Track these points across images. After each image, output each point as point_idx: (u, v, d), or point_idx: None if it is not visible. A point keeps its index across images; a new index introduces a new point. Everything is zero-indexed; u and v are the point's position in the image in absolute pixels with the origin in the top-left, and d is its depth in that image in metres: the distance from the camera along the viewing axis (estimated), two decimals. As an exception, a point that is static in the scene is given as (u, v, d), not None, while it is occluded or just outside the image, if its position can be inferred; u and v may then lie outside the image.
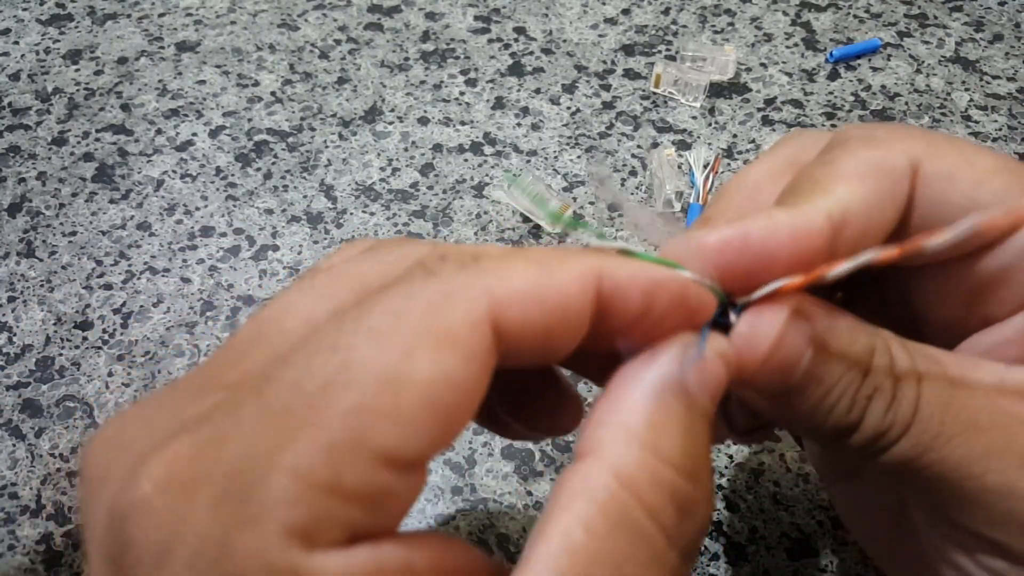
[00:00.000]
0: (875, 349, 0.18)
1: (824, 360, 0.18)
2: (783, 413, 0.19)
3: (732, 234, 0.17)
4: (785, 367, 0.17)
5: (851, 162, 0.19)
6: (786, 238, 0.17)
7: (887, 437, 0.18)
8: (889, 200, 0.19)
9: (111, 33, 0.52)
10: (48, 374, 0.36)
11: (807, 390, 0.18)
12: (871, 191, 0.18)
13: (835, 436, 0.19)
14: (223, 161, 0.45)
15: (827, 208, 0.18)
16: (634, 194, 0.43)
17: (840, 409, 0.18)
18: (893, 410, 0.18)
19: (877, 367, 0.18)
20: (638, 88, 0.48)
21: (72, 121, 0.47)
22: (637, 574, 0.14)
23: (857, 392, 0.18)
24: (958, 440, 0.18)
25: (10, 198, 0.43)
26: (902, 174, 0.19)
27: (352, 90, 0.49)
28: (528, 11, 0.54)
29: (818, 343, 0.17)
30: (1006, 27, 0.52)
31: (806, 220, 0.17)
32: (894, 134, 0.20)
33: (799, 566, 0.30)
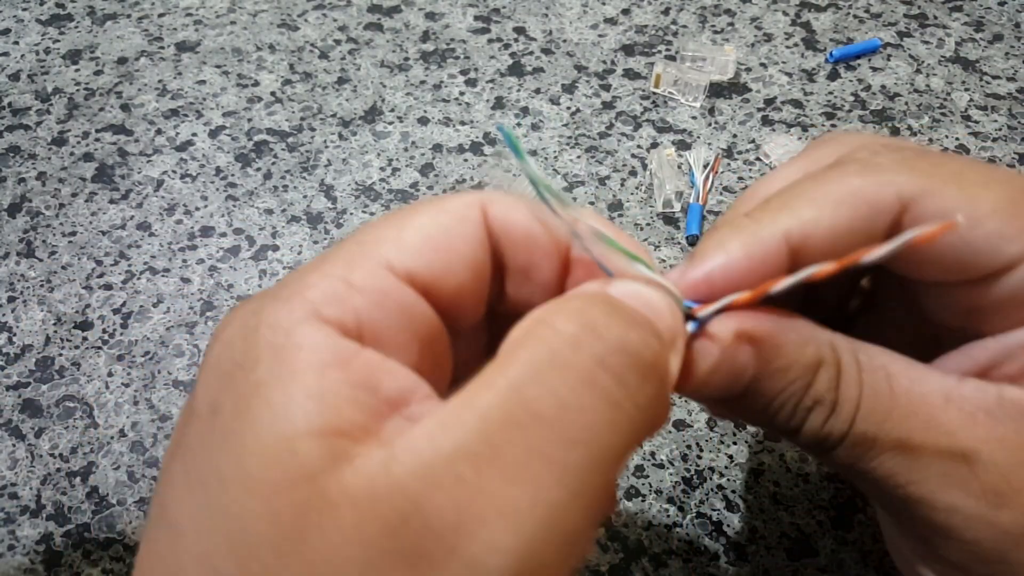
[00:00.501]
0: (822, 362, 0.19)
1: (766, 376, 0.19)
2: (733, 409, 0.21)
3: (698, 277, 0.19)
4: (726, 384, 0.19)
5: (834, 186, 0.20)
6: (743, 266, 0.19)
7: (825, 444, 0.20)
8: (862, 229, 0.20)
9: (111, 33, 0.52)
10: (48, 374, 0.36)
11: (748, 400, 0.20)
12: (842, 218, 0.19)
13: (781, 434, 0.20)
14: (223, 161, 0.45)
15: (786, 228, 0.19)
16: (634, 194, 0.43)
17: (782, 416, 0.20)
18: (831, 422, 0.19)
19: (820, 381, 0.19)
20: (638, 88, 0.48)
21: (72, 121, 0.47)
22: (589, 416, 0.15)
23: (798, 403, 0.19)
24: (887, 456, 0.19)
25: (10, 198, 0.43)
26: (886, 207, 0.20)
27: (352, 90, 0.49)
28: (528, 11, 0.54)
29: (760, 360, 0.19)
30: (1006, 27, 0.52)
31: (761, 244, 0.19)
32: (899, 164, 0.20)
33: (799, 566, 0.30)
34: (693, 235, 0.40)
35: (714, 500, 0.32)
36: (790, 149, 0.44)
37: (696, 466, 0.33)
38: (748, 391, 0.19)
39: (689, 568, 0.30)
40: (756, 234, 0.19)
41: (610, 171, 0.44)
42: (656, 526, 0.31)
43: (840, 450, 0.20)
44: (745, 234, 0.19)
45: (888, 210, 0.19)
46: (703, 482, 0.32)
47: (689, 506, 0.32)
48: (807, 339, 0.19)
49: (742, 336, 0.19)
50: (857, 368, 0.20)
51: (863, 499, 0.31)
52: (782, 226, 0.19)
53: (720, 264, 0.19)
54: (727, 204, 0.42)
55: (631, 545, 0.31)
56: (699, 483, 0.32)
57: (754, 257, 0.19)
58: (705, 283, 0.19)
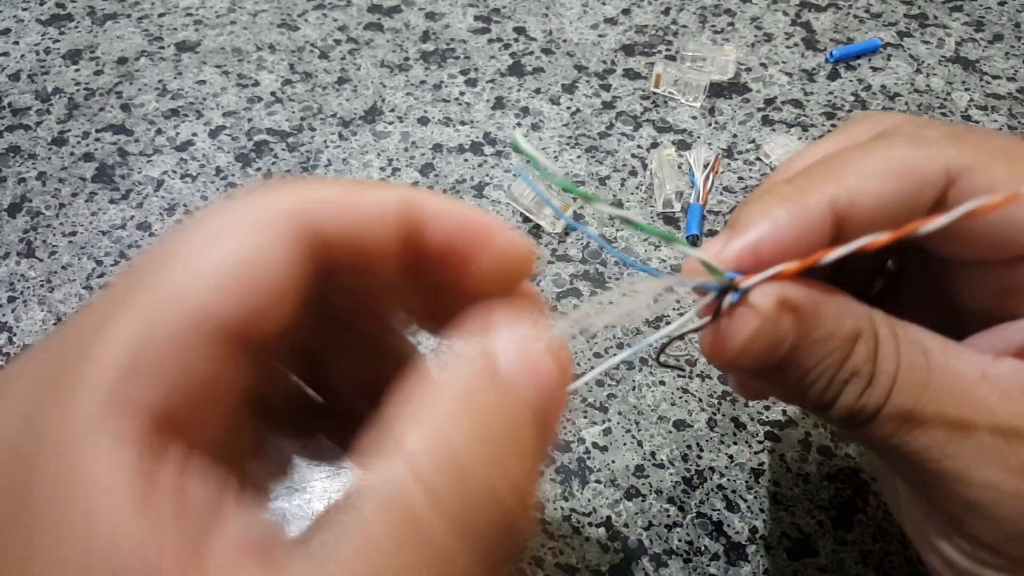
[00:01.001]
0: (860, 334, 0.19)
1: (803, 347, 0.19)
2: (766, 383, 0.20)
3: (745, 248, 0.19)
4: (763, 354, 0.19)
5: (881, 156, 0.19)
6: (789, 235, 0.19)
7: (860, 416, 0.19)
8: (908, 201, 0.19)
9: (111, 33, 0.52)
10: (48, 374, 0.36)
11: (786, 371, 0.19)
12: (889, 189, 0.19)
13: (814, 408, 0.20)
14: (223, 161, 0.45)
15: (831, 196, 0.19)
16: (634, 194, 0.43)
17: (817, 389, 0.19)
18: (867, 395, 0.19)
19: (858, 352, 0.19)
20: (638, 88, 0.48)
21: (72, 121, 0.47)
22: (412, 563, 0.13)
23: (834, 376, 0.19)
24: (923, 428, 0.19)
25: (10, 198, 0.43)
26: (932, 180, 0.19)
27: (352, 90, 0.49)
28: (528, 11, 0.54)
29: (800, 330, 0.19)
30: (1006, 27, 0.52)
31: (807, 213, 0.19)
32: (946, 137, 0.20)
33: (799, 566, 0.30)
34: (693, 235, 0.41)
35: (714, 500, 0.32)
36: (790, 149, 0.44)
37: (696, 466, 0.33)
38: (784, 362, 0.19)
39: (689, 568, 0.30)
40: (801, 202, 0.19)
41: (610, 171, 0.44)
42: (656, 526, 0.31)
43: (874, 424, 0.19)
44: (790, 202, 0.19)
45: (935, 183, 0.19)
46: (703, 482, 0.32)
47: (689, 506, 0.32)
48: (846, 311, 0.19)
49: (784, 304, 0.18)
50: (895, 341, 0.19)
51: (863, 499, 0.31)
52: (828, 194, 0.19)
53: (766, 233, 0.19)
54: (727, 204, 0.42)
55: (631, 545, 0.31)
56: (699, 483, 0.32)
57: (800, 226, 0.19)
58: (751, 254, 0.19)
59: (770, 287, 0.18)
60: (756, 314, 0.18)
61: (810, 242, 0.19)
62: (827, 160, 0.20)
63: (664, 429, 0.34)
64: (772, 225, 0.19)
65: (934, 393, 0.19)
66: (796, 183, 0.20)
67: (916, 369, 0.19)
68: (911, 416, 0.19)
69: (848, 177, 0.19)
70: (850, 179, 0.19)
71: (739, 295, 0.18)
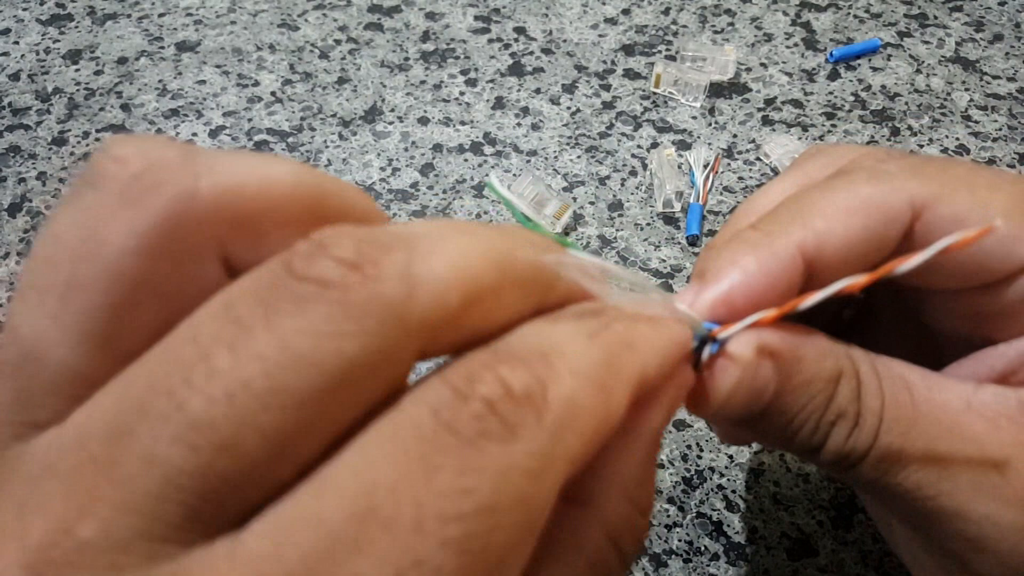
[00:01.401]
0: (842, 374, 0.19)
1: (786, 392, 0.18)
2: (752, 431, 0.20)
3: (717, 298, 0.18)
4: (747, 403, 0.18)
5: (844, 195, 0.19)
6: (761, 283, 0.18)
7: (850, 458, 0.19)
8: (876, 238, 0.19)
9: (111, 33, 0.52)
10: (48, 374, 0.36)
11: (770, 417, 0.19)
12: (856, 227, 0.19)
13: (802, 452, 0.20)
14: (223, 161, 0.45)
15: (799, 240, 0.19)
16: (634, 194, 0.43)
17: (804, 433, 0.19)
18: (854, 436, 0.19)
19: (841, 393, 0.19)
20: (638, 88, 0.48)
21: (72, 121, 0.47)
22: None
23: (821, 418, 0.19)
24: (915, 466, 0.19)
25: (10, 198, 0.43)
26: (898, 214, 0.19)
27: (352, 90, 0.49)
28: (528, 11, 0.54)
29: (782, 376, 0.18)
30: (1006, 27, 0.52)
31: (777, 258, 0.19)
32: (906, 170, 0.20)
33: (799, 566, 0.30)
34: (693, 235, 0.41)
35: (714, 500, 0.32)
36: (790, 149, 0.44)
37: (696, 466, 0.33)
38: (769, 409, 0.19)
39: (689, 568, 0.30)
40: (770, 248, 0.19)
41: (610, 171, 0.44)
42: (656, 526, 0.31)
43: (864, 465, 0.19)
44: (759, 249, 0.19)
45: (901, 217, 0.19)
46: (703, 482, 0.32)
47: (689, 506, 0.32)
48: (826, 351, 0.19)
49: (763, 351, 0.18)
50: (877, 378, 0.19)
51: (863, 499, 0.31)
52: (795, 238, 0.19)
53: (738, 282, 0.18)
54: (727, 204, 0.42)
55: (631, 545, 0.31)
56: (699, 483, 0.32)
57: (771, 272, 0.19)
58: (725, 304, 0.18)
59: (747, 335, 0.18)
60: (736, 364, 0.18)
61: (782, 287, 0.19)
62: (790, 202, 0.20)
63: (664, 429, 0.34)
64: (742, 273, 0.18)
65: (922, 429, 0.19)
66: (763, 229, 0.19)
67: (901, 405, 0.19)
68: (901, 455, 0.19)
69: (814, 219, 0.19)
70: (816, 221, 0.19)
71: (718, 346, 0.18)
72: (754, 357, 0.18)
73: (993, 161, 0.44)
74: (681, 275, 0.39)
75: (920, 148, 0.45)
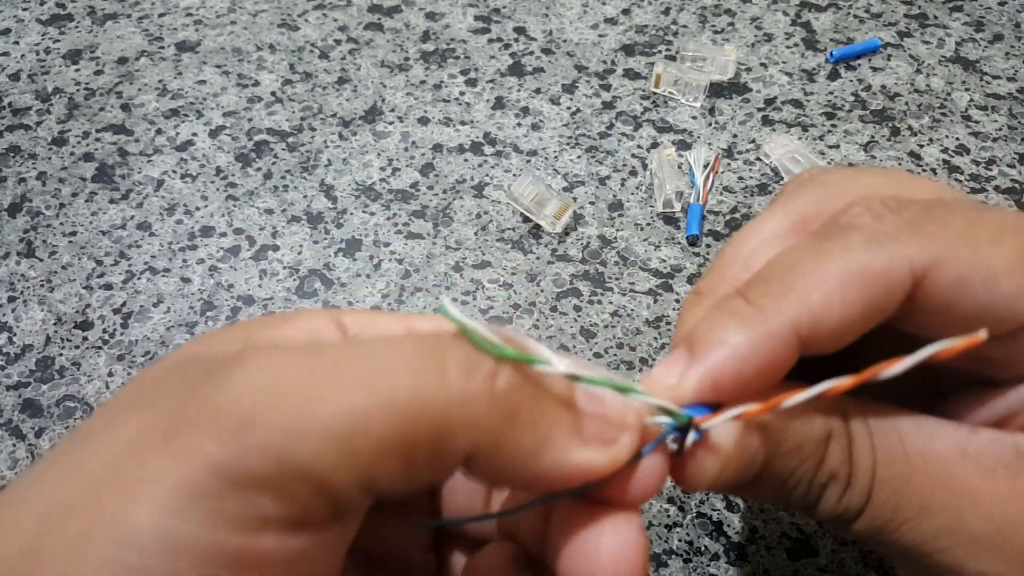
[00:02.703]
0: (831, 434, 0.18)
1: (776, 459, 0.18)
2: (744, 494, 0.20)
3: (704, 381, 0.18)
4: (736, 479, 0.18)
5: (841, 264, 0.18)
6: (751, 363, 0.18)
7: (844, 519, 0.19)
8: (875, 310, 0.18)
9: (111, 33, 0.52)
10: (48, 374, 0.36)
11: (763, 482, 0.19)
12: (854, 302, 0.18)
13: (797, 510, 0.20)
14: (223, 161, 0.45)
15: (794, 318, 0.18)
16: (634, 194, 0.43)
17: (796, 495, 0.19)
18: (847, 496, 0.18)
19: (832, 455, 0.18)
20: (638, 88, 0.48)
21: (72, 121, 0.47)
22: None
23: (812, 480, 0.18)
24: (911, 524, 0.18)
25: (10, 198, 0.43)
26: (898, 283, 0.18)
27: (352, 90, 0.49)
28: (528, 11, 0.54)
29: (769, 446, 0.18)
30: (1006, 27, 0.52)
31: (770, 338, 0.18)
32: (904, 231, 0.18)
33: (799, 566, 0.30)
34: (693, 235, 0.41)
35: (714, 500, 0.32)
36: (790, 149, 0.44)
37: (696, 466, 0.33)
38: (759, 477, 0.18)
39: (689, 568, 0.30)
40: (763, 326, 0.18)
41: (610, 171, 0.44)
42: (656, 526, 0.31)
43: (859, 523, 0.19)
44: (750, 327, 0.18)
45: (901, 286, 0.18)
46: (703, 482, 0.32)
47: (689, 506, 0.32)
48: (813, 414, 0.18)
49: (748, 428, 0.18)
50: (868, 435, 0.19)
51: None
52: (790, 315, 0.18)
53: (726, 362, 0.18)
54: (727, 204, 0.42)
55: (631, 545, 0.31)
56: (699, 483, 0.32)
57: (763, 354, 0.18)
58: (712, 386, 0.18)
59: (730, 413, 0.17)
60: (720, 453, 0.18)
61: (773, 367, 0.18)
62: (783, 269, 0.19)
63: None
64: (732, 352, 0.18)
65: (917, 484, 0.18)
66: (755, 302, 0.18)
67: (895, 461, 0.18)
68: (896, 511, 0.18)
69: (809, 293, 0.18)
70: (812, 295, 0.18)
71: (700, 434, 0.18)
72: (738, 442, 0.18)
73: (993, 161, 0.44)
74: (681, 275, 0.39)
75: (920, 148, 0.45)
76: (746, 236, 0.21)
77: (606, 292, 0.39)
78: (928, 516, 0.18)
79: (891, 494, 0.18)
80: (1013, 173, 0.44)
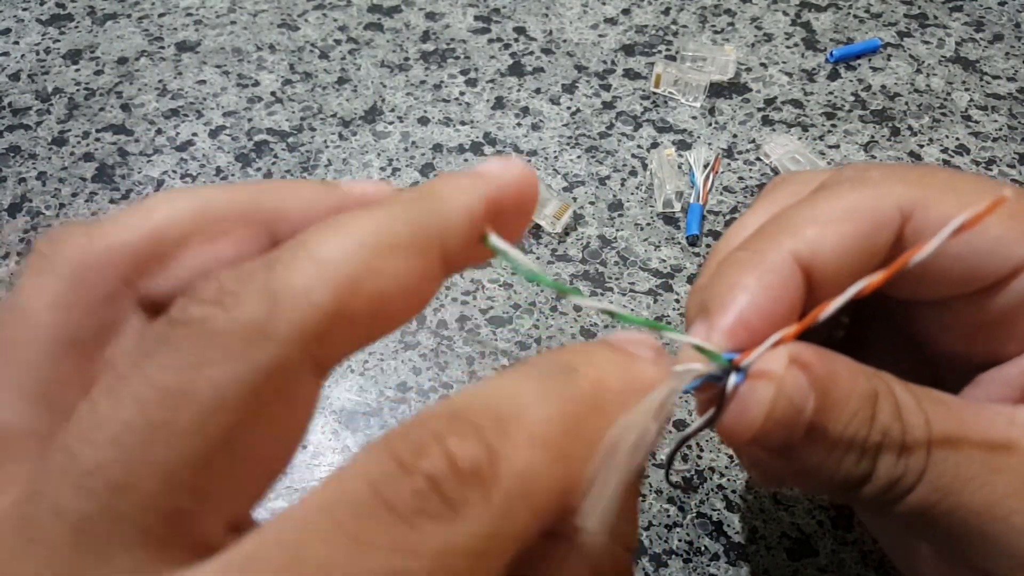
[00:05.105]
0: (878, 393, 0.17)
1: (827, 409, 0.17)
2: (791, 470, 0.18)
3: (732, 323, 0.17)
4: (787, 423, 0.17)
5: (831, 204, 0.19)
6: (769, 298, 0.18)
7: (902, 485, 0.17)
8: (868, 245, 0.19)
9: (111, 33, 0.52)
10: (48, 374, 0.36)
11: (812, 444, 0.17)
12: (847, 234, 0.18)
13: (847, 488, 0.18)
14: (223, 161, 0.45)
15: (792, 249, 0.18)
16: (634, 194, 0.43)
17: (850, 460, 0.17)
18: (905, 456, 0.17)
19: (882, 411, 0.17)
20: (638, 88, 0.48)
21: (72, 121, 0.47)
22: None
23: (866, 440, 0.17)
24: (978, 482, 0.17)
25: (10, 198, 0.43)
26: (887, 219, 0.19)
27: (352, 90, 0.49)
28: (528, 11, 0.54)
29: (819, 393, 0.17)
30: (1006, 27, 0.52)
31: (775, 271, 0.18)
32: (890, 176, 0.19)
33: (799, 566, 0.30)
34: (693, 235, 0.41)
35: (714, 500, 0.32)
36: (790, 149, 0.44)
37: (696, 466, 0.33)
38: (810, 432, 0.17)
39: (689, 568, 0.30)
40: (765, 263, 0.18)
41: (610, 171, 0.44)
42: (656, 526, 0.31)
43: (920, 489, 0.17)
44: (754, 266, 0.18)
45: (890, 222, 0.19)
46: (703, 482, 0.32)
47: (689, 506, 0.32)
48: (857, 369, 0.18)
49: (796, 363, 0.17)
50: (913, 396, 0.18)
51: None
52: (788, 247, 0.18)
53: (746, 304, 0.17)
54: (727, 204, 0.42)
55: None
56: (699, 483, 0.32)
57: (774, 286, 0.18)
58: (742, 327, 0.17)
59: (774, 353, 0.17)
60: (769, 381, 0.17)
61: (789, 301, 0.18)
62: (774, 219, 0.19)
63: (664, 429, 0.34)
64: (748, 294, 0.18)
65: (974, 443, 0.17)
66: (752, 247, 0.19)
67: (946, 421, 0.17)
68: (958, 472, 0.17)
69: (804, 229, 0.18)
70: (806, 231, 0.18)
71: (743, 376, 0.17)
72: (788, 369, 0.17)
73: (993, 161, 0.44)
74: (681, 275, 0.39)
75: (920, 148, 0.45)
76: (734, 229, 0.22)
77: (606, 292, 0.39)
78: (995, 474, 0.17)
79: (951, 451, 0.17)
80: (1013, 173, 0.44)
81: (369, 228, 0.14)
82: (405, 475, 0.12)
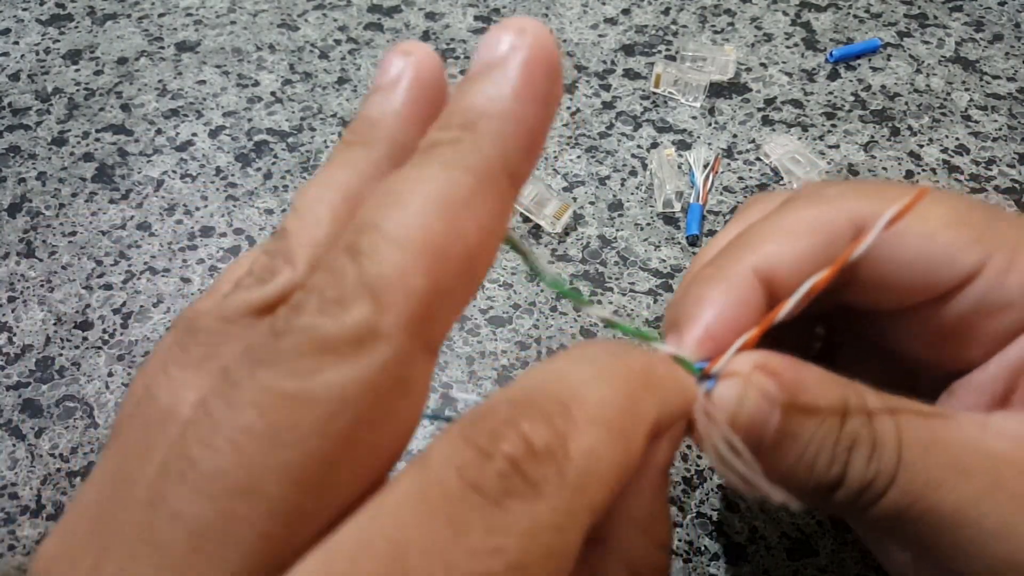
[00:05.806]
0: (847, 398, 0.18)
1: (795, 415, 0.18)
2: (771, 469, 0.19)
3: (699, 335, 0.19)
4: (753, 429, 0.18)
5: (788, 220, 0.20)
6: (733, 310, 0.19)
7: (874, 488, 0.18)
8: (824, 254, 0.20)
9: (111, 33, 0.52)
10: (48, 374, 0.36)
11: (783, 448, 0.18)
12: (803, 247, 0.20)
13: (820, 493, 0.18)
14: (223, 161, 0.45)
15: (751, 264, 0.19)
16: (634, 194, 0.43)
17: (821, 464, 0.18)
18: (876, 458, 0.18)
19: (852, 415, 0.18)
20: (638, 88, 0.48)
21: (72, 121, 0.47)
22: None
23: (836, 444, 0.18)
24: (949, 485, 0.17)
25: (10, 198, 0.43)
26: (840, 231, 0.20)
27: (352, 90, 0.49)
28: (528, 11, 0.54)
29: (786, 399, 0.18)
30: (1006, 27, 0.52)
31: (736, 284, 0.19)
32: (845, 192, 0.20)
33: (799, 566, 0.30)
34: (693, 235, 0.41)
35: (714, 500, 0.32)
36: (790, 149, 0.44)
37: (696, 466, 0.33)
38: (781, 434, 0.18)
39: (689, 568, 0.30)
40: (727, 277, 0.19)
41: (610, 171, 0.44)
42: (656, 526, 0.31)
43: (892, 492, 0.18)
44: (718, 282, 0.19)
45: (844, 234, 0.20)
46: (703, 482, 0.32)
47: (689, 506, 0.32)
48: (826, 378, 0.18)
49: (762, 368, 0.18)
50: (883, 402, 0.18)
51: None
52: (748, 261, 0.19)
53: (711, 316, 0.19)
54: (727, 204, 0.42)
55: (631, 545, 0.31)
56: (699, 483, 0.32)
57: (736, 298, 0.19)
58: (708, 339, 0.18)
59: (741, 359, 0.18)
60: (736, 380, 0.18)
61: (751, 312, 0.19)
62: (738, 238, 0.21)
63: (664, 429, 0.34)
64: (711, 307, 0.19)
65: (944, 447, 0.18)
66: (715, 264, 0.20)
67: (917, 427, 0.18)
68: (929, 475, 0.17)
69: (763, 245, 0.20)
70: (765, 246, 0.20)
71: (714, 382, 0.18)
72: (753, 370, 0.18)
73: (993, 161, 0.44)
74: (681, 275, 0.39)
75: (920, 148, 0.45)
76: (707, 248, 0.23)
77: (606, 292, 0.39)
78: (966, 476, 0.17)
79: (920, 454, 0.18)
80: (1013, 173, 0.44)
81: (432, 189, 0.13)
82: (487, 460, 0.12)
